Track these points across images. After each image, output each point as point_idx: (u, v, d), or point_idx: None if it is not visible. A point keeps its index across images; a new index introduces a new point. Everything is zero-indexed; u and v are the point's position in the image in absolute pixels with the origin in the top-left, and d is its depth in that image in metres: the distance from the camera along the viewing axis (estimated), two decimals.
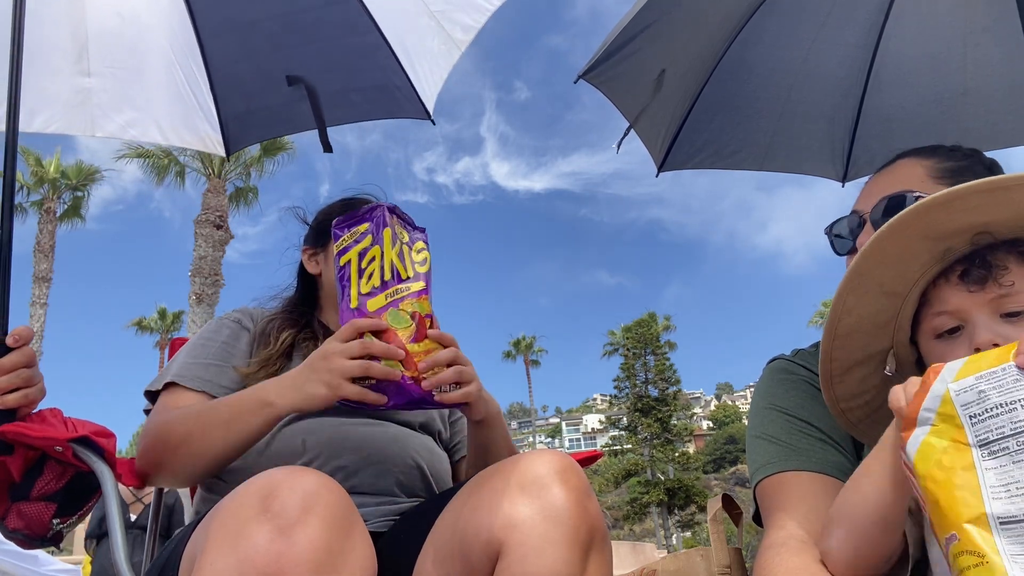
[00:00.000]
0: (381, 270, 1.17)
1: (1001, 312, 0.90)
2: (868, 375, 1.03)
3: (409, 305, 1.16)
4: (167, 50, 2.36)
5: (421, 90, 2.40)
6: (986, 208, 0.88)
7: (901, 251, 0.93)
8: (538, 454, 0.94)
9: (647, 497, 34.12)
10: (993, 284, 0.90)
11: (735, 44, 2.34)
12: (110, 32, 2.26)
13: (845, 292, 0.96)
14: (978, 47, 2.32)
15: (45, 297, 19.14)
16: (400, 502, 1.30)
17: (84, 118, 2.28)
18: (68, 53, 2.22)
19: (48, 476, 1.17)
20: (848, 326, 0.99)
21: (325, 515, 0.79)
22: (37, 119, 2.20)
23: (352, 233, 1.20)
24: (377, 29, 2.31)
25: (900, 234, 0.91)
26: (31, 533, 1.14)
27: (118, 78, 2.30)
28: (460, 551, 0.91)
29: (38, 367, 1.21)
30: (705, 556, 1.63)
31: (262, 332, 1.44)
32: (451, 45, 2.31)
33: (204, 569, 0.76)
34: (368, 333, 1.11)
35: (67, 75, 2.23)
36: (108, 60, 2.27)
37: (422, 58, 2.37)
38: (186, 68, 2.40)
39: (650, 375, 37.97)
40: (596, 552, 0.88)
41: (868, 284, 0.96)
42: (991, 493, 0.67)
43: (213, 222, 15.70)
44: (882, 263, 0.94)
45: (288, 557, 0.74)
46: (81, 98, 2.26)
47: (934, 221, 0.90)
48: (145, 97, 2.34)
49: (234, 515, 0.79)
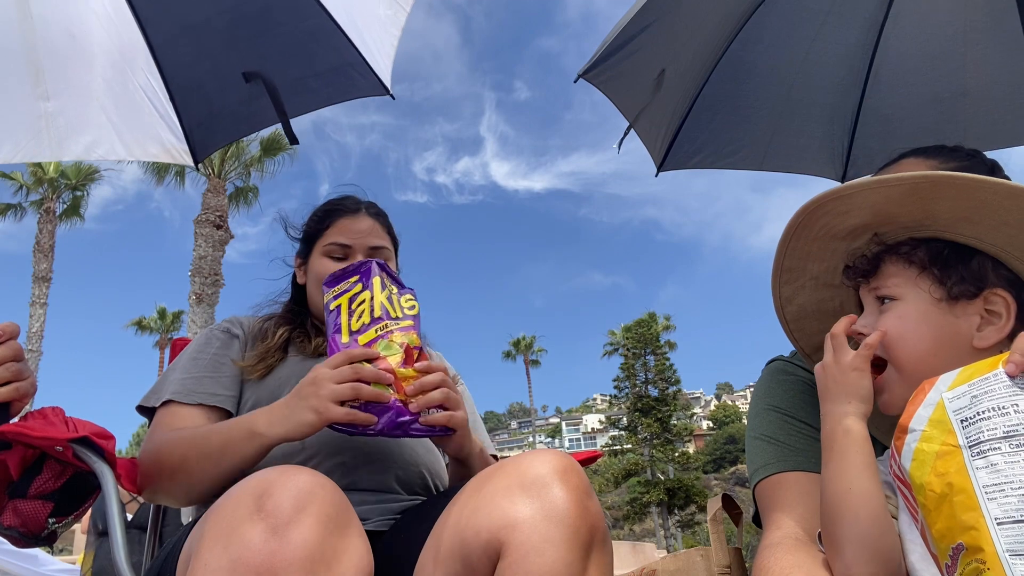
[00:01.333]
0: (371, 309, 1.25)
1: (878, 300, 0.99)
2: None
3: (398, 337, 1.22)
4: (121, 64, 2.34)
5: (375, 64, 2.37)
6: (852, 212, 0.96)
7: (818, 250, 1.02)
8: (539, 454, 0.94)
9: (647, 497, 34.11)
10: (865, 279, 1.00)
11: (735, 44, 2.35)
12: (63, 53, 2.25)
13: (776, 285, 1.07)
14: (977, 47, 2.32)
15: (45, 297, 19.13)
16: (400, 500, 1.30)
17: (49, 143, 2.27)
18: (25, 79, 2.21)
19: (47, 475, 1.16)
20: (793, 312, 1.09)
21: (319, 514, 0.78)
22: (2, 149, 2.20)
23: (342, 285, 1.30)
24: (323, 9, 2.28)
25: (804, 235, 1.01)
26: (26, 531, 1.14)
27: (76, 99, 2.29)
28: (461, 551, 0.91)
29: (27, 362, 1.21)
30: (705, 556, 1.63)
31: (259, 330, 1.48)
32: (396, 7, 2.27)
33: (198, 570, 0.76)
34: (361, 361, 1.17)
35: (27, 100, 2.23)
36: (64, 81, 2.26)
37: (372, 29, 2.33)
38: (142, 80, 2.37)
39: (650, 375, 37.96)
40: (597, 552, 0.88)
41: (801, 278, 1.06)
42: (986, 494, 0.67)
43: (213, 222, 15.70)
44: (807, 260, 1.04)
45: (281, 556, 0.74)
46: (44, 123, 2.25)
47: (827, 224, 0.99)
48: (106, 115, 2.33)
49: (228, 515, 0.79)
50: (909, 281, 0.95)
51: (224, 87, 2.39)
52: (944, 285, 0.93)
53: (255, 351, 1.42)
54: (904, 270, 0.96)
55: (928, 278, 0.94)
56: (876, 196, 0.93)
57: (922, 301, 0.94)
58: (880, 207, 0.94)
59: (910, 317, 0.93)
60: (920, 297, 0.94)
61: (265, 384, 1.37)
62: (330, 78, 2.42)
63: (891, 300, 0.96)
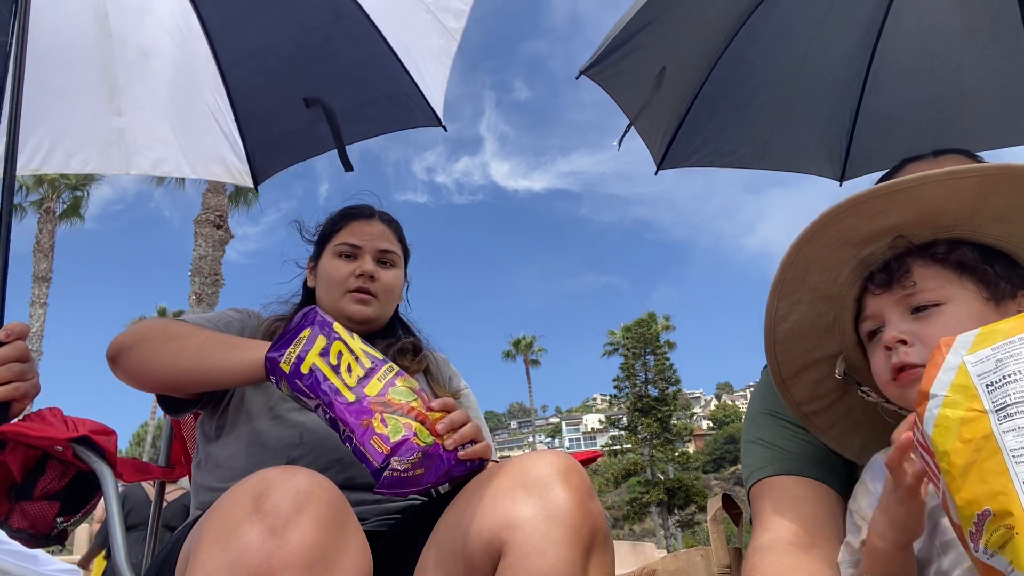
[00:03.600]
0: (358, 360, 1.10)
1: (910, 309, 0.93)
2: (822, 379, 1.04)
3: (403, 382, 1.10)
4: (192, 84, 2.42)
5: (429, 95, 2.42)
6: (893, 211, 0.90)
7: (824, 257, 0.96)
8: (540, 454, 0.94)
9: (647, 497, 34.13)
10: (897, 286, 0.93)
11: (735, 42, 2.35)
12: (138, 71, 2.34)
13: (774, 299, 0.99)
14: (976, 47, 2.33)
15: (45, 297, 19.12)
16: (398, 499, 1.30)
17: (118, 157, 2.35)
18: (101, 94, 2.30)
19: (50, 475, 1.17)
20: (786, 331, 1.02)
21: (318, 514, 0.78)
22: (75, 159, 2.29)
23: (297, 343, 1.12)
24: (382, 38, 2.34)
25: (818, 241, 0.94)
26: (35, 532, 1.15)
27: (147, 115, 2.37)
28: (462, 551, 0.91)
29: (33, 364, 1.21)
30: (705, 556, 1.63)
31: (269, 331, 1.47)
32: (447, 37, 2.32)
33: (196, 570, 0.76)
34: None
35: (102, 115, 2.31)
36: (137, 98, 2.35)
37: (425, 59, 2.38)
38: (211, 101, 2.45)
39: (650, 375, 37.98)
40: (598, 552, 0.88)
41: (799, 290, 0.99)
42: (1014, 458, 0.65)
43: (213, 222, 15.69)
44: (810, 269, 0.97)
45: (279, 556, 0.74)
46: (115, 137, 2.33)
47: (849, 227, 0.93)
48: (174, 133, 2.40)
49: (227, 515, 0.79)
50: (952, 283, 0.91)
51: (285, 111, 2.45)
52: (991, 285, 0.90)
53: None
54: (942, 272, 0.92)
55: (972, 278, 0.91)
56: (939, 190, 0.88)
57: (972, 302, 0.90)
58: (932, 203, 0.89)
59: (963, 320, 0.88)
60: (969, 298, 0.90)
61: (260, 384, 1.36)
62: (386, 107, 2.47)
63: (932, 306, 0.91)
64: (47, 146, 2.18)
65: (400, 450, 0.99)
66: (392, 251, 1.55)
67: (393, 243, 1.58)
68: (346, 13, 2.30)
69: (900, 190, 0.88)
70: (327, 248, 1.56)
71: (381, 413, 1.03)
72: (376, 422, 1.02)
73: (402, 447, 0.99)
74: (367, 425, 1.02)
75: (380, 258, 1.53)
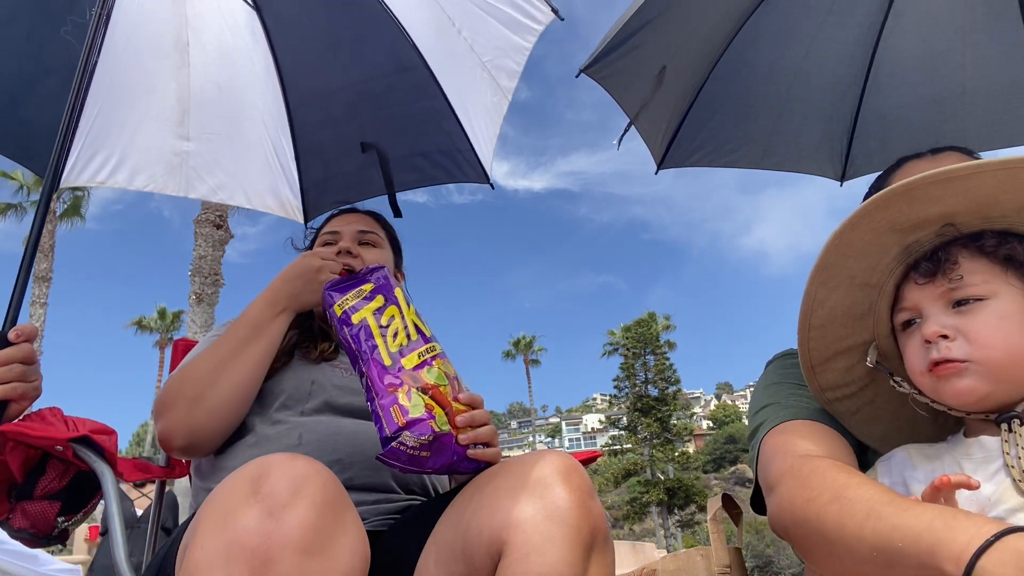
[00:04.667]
0: (406, 329, 1.14)
1: (951, 302, 0.91)
2: (852, 366, 1.03)
3: (440, 365, 1.12)
4: (259, 119, 2.52)
5: (480, 152, 2.49)
6: (945, 198, 0.88)
7: (868, 243, 0.94)
8: (541, 454, 0.94)
9: (647, 497, 34.12)
10: (942, 278, 0.91)
11: (735, 41, 2.34)
12: (210, 101, 2.44)
13: (813, 286, 0.98)
14: (977, 47, 2.32)
15: (45, 297, 19.12)
16: (397, 500, 1.30)
17: (179, 179, 2.43)
18: (172, 118, 2.40)
19: (51, 475, 1.17)
20: (821, 317, 1.00)
21: (315, 497, 0.79)
22: (139, 177, 2.36)
23: (357, 292, 1.17)
24: (442, 93, 2.42)
25: (864, 226, 0.92)
26: (37, 532, 1.15)
27: (213, 143, 2.45)
28: (463, 551, 0.91)
29: (38, 366, 1.21)
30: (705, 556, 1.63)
31: None
32: (500, 95, 2.38)
33: (195, 553, 0.76)
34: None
35: (169, 138, 2.40)
36: (206, 126, 2.44)
37: (479, 116, 2.45)
38: (275, 137, 2.54)
39: (650, 375, 37.98)
40: (598, 552, 0.88)
41: (838, 277, 0.97)
42: None
43: (213, 222, 15.68)
44: (851, 255, 0.95)
45: (276, 538, 0.74)
46: (179, 160, 2.42)
47: (898, 213, 0.90)
48: (235, 163, 2.49)
49: (225, 498, 0.80)
50: (997, 278, 0.90)
51: (342, 154, 2.53)
52: None
53: None
54: (989, 266, 0.90)
55: (1018, 274, 0.90)
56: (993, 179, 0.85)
57: (1018, 299, 0.89)
58: (985, 192, 0.87)
59: (1006, 317, 0.88)
60: (1014, 295, 0.89)
61: (267, 387, 1.37)
62: (438, 159, 2.53)
63: (976, 300, 0.89)
64: (115, 161, 2.27)
65: (414, 427, 1.00)
66: (371, 231, 1.61)
67: (373, 226, 1.64)
68: (410, 65, 2.39)
69: (956, 177, 0.86)
70: (314, 245, 1.63)
71: (409, 387, 1.05)
72: (402, 393, 1.04)
73: (417, 425, 1.00)
74: (392, 392, 1.04)
75: (360, 239, 1.58)
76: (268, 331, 1.34)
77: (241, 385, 1.28)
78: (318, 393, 1.35)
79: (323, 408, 1.34)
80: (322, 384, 1.37)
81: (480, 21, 2.24)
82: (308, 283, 1.36)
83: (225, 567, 0.73)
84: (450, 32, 2.31)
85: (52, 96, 1.91)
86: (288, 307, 1.38)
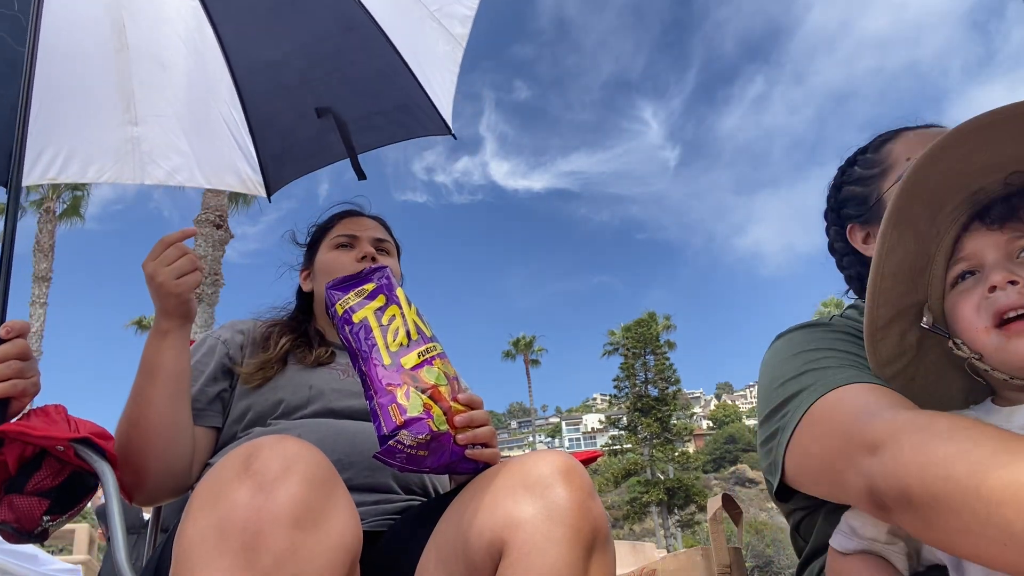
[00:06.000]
0: (406, 329, 1.13)
1: (1019, 250, 0.87)
2: (906, 331, 0.94)
3: (440, 365, 1.12)
4: (207, 95, 2.44)
5: (439, 104, 2.43)
6: (1020, 137, 0.80)
7: (935, 187, 0.86)
8: (542, 454, 0.94)
9: (647, 497, 34.14)
10: (1014, 223, 0.86)
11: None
12: (153, 81, 2.36)
13: (889, 226, 0.87)
14: None
15: (45, 296, 19.12)
16: (397, 500, 1.30)
17: (133, 166, 2.37)
18: (117, 104, 2.33)
19: (45, 472, 1.16)
20: (894, 264, 0.89)
21: (305, 474, 0.79)
22: (91, 168, 2.31)
23: (359, 292, 1.17)
24: (393, 48, 2.35)
25: (937, 166, 0.83)
26: (19, 527, 1.14)
27: (162, 125, 2.39)
28: (463, 551, 0.91)
29: (34, 362, 1.21)
30: (705, 556, 1.64)
31: (263, 337, 1.49)
32: (453, 44, 2.33)
33: (187, 529, 0.77)
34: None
35: (116, 125, 2.33)
36: (152, 108, 2.37)
37: (433, 67, 2.40)
38: (225, 112, 2.46)
39: (650, 375, 37.99)
40: (599, 552, 0.88)
41: (907, 220, 0.88)
42: None
43: (213, 222, 15.68)
44: (917, 198, 0.86)
45: (267, 512, 0.75)
46: (130, 147, 2.35)
47: (967, 152, 0.82)
48: (188, 143, 2.42)
49: (217, 477, 0.80)
50: None
51: (298, 122, 2.46)
52: None
53: (255, 359, 1.42)
54: None
55: None
56: None
57: None
58: None
59: None
60: None
61: (261, 392, 1.37)
62: (396, 116, 2.48)
63: None
64: (64, 156, 2.21)
65: (412, 426, 1.00)
66: (387, 240, 1.61)
67: (386, 234, 1.63)
68: (358, 24, 2.31)
69: None
70: (322, 245, 1.58)
71: (408, 386, 1.04)
72: (400, 392, 1.03)
73: (415, 424, 1.00)
74: (391, 391, 1.04)
75: (377, 246, 1.56)
76: (160, 364, 1.25)
77: (158, 436, 1.23)
78: (316, 398, 1.35)
79: (322, 413, 1.34)
80: (320, 389, 1.37)
81: None
82: (156, 291, 1.24)
83: (217, 542, 0.74)
84: None
85: None
86: (166, 326, 1.26)
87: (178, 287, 1.23)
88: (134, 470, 1.23)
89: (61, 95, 2.15)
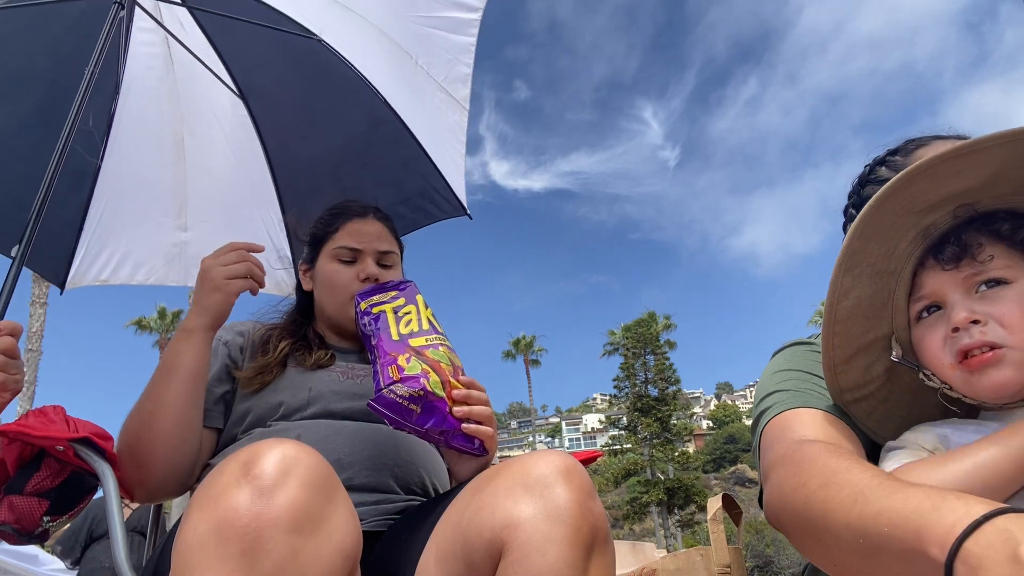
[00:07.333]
0: (419, 320, 1.26)
1: (975, 287, 0.88)
2: (872, 363, 0.98)
3: (446, 352, 1.21)
4: (250, 202, 2.60)
5: (452, 183, 2.55)
6: (966, 173, 0.84)
7: (888, 227, 0.89)
8: (542, 454, 0.94)
9: (647, 497, 34.12)
10: (969, 261, 0.88)
11: None
12: (204, 190, 2.54)
13: (840, 273, 0.92)
14: None
15: (45, 296, 19.11)
16: (397, 500, 1.30)
17: (179, 269, 2.54)
18: (170, 212, 2.50)
19: (44, 472, 1.16)
20: (847, 309, 0.94)
21: (304, 478, 0.79)
22: (141, 271, 2.48)
23: (381, 295, 1.33)
24: (414, 139, 2.48)
25: (888, 207, 0.87)
26: (20, 528, 1.14)
27: (208, 231, 2.54)
28: (463, 551, 0.91)
29: (20, 363, 1.22)
30: (705, 556, 1.64)
31: (262, 340, 1.48)
32: (460, 111, 2.44)
33: (186, 534, 0.77)
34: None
35: (168, 230, 2.51)
36: (201, 215, 2.53)
37: (446, 144, 2.52)
38: (266, 217, 2.61)
39: (650, 375, 37.98)
40: (599, 552, 0.88)
41: (861, 263, 0.92)
42: None
43: None
44: (872, 239, 0.90)
45: (267, 516, 0.75)
46: (178, 251, 2.52)
47: (918, 192, 0.86)
48: None
49: (216, 481, 0.80)
50: (1017, 263, 0.88)
51: None
52: None
53: (254, 363, 1.42)
54: (1008, 251, 0.88)
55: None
56: (1007, 152, 0.81)
57: None
58: (999, 165, 0.83)
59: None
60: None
61: (261, 395, 1.37)
62: (418, 203, 2.62)
63: (1002, 283, 0.87)
64: (118, 259, 2.38)
65: (407, 381, 1.09)
66: (392, 251, 1.55)
67: (391, 242, 1.57)
68: (384, 119, 2.46)
69: (983, 148, 0.81)
70: (323, 251, 1.54)
71: (411, 355, 1.15)
72: (402, 358, 1.14)
73: (410, 380, 1.10)
74: (394, 357, 1.15)
75: (380, 260, 1.52)
76: (181, 364, 1.26)
77: (170, 435, 1.24)
78: (316, 400, 1.35)
79: (322, 414, 1.34)
80: (320, 391, 1.37)
81: (427, 39, 2.29)
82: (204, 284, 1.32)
83: (217, 547, 0.74)
84: (409, 66, 2.35)
85: (58, 200, 1.95)
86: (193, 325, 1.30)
87: (227, 286, 1.32)
88: (140, 467, 1.23)
89: (123, 202, 2.33)
